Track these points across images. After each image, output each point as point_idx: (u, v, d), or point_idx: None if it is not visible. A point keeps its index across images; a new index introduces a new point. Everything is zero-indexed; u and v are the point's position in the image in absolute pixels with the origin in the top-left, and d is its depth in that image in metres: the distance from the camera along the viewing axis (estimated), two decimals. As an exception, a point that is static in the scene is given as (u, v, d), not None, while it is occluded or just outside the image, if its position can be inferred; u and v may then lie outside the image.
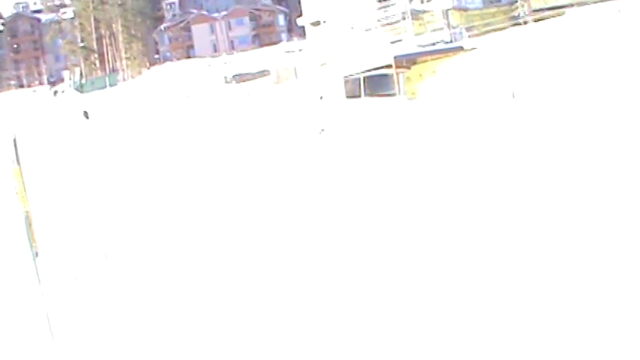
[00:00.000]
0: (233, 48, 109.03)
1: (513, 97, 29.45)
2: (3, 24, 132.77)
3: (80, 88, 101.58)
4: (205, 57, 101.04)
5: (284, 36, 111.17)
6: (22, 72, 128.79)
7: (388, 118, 31.59)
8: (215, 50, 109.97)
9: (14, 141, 22.29)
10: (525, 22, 49.90)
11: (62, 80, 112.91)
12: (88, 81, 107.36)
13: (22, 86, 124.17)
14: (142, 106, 60.62)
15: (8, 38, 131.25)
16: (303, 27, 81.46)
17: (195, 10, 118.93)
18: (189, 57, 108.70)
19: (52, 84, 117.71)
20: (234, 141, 35.22)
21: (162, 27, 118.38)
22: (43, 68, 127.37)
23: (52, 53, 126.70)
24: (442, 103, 32.25)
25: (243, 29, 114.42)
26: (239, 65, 79.47)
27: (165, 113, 53.51)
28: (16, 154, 22.22)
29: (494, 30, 46.20)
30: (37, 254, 21.32)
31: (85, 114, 44.65)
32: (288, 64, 70.09)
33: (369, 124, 31.17)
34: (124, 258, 17.15)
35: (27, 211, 21.79)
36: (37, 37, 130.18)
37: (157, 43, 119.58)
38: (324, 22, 68.32)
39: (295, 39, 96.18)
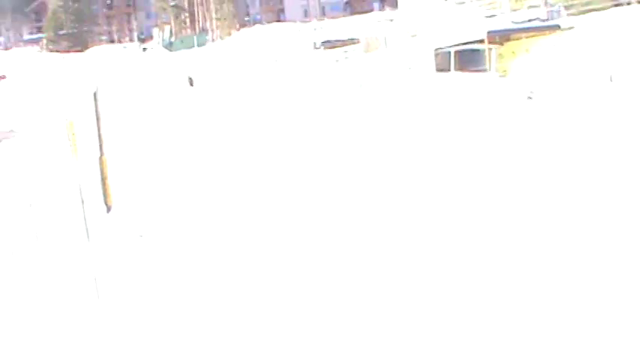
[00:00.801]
0: (324, 14, 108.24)
1: (611, 80, 28.45)
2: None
3: (169, 47, 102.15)
4: (295, 22, 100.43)
5: (376, 5, 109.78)
6: (114, 28, 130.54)
7: (479, 95, 30.86)
8: (305, 15, 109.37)
9: (94, 95, 22.43)
10: (628, 3, 48.12)
11: (152, 37, 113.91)
12: (178, 39, 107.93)
13: (112, 42, 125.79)
14: (229, 68, 60.60)
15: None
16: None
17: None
18: (279, 21, 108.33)
19: (142, 41, 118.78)
20: (320, 107, 34.91)
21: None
22: (134, 25, 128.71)
23: (144, 10, 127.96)
24: (534, 83, 31.37)
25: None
26: (329, 32, 78.70)
27: (253, 76, 53.38)
28: (96, 107, 22.38)
29: (595, 10, 44.49)
30: (109, 209, 21.54)
31: (190, 80, 45.07)
32: (379, 33, 69.09)
33: (459, 98, 30.48)
34: (194, 221, 16.94)
35: (103, 164, 21.99)
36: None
37: (247, 5, 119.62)
38: (417, -8, 67.03)
39: (387, 8, 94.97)
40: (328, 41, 73.02)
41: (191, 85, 45.91)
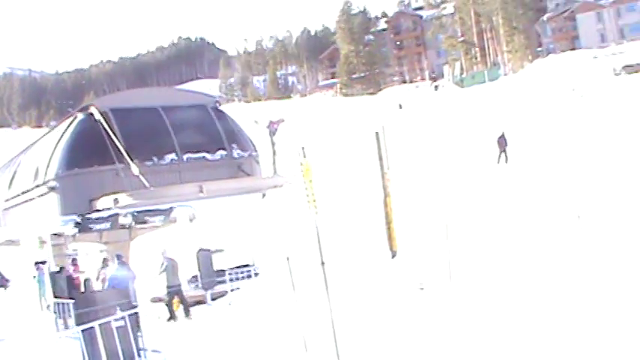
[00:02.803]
0: (623, 37, 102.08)
1: None
2: (387, 22, 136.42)
3: (460, 83, 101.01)
4: (592, 48, 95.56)
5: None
6: (405, 68, 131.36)
7: None
8: (603, 40, 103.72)
9: (377, 135, 20.84)
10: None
11: (443, 75, 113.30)
12: (468, 75, 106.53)
13: (404, 82, 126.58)
14: (522, 101, 58.02)
15: (392, 35, 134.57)
16: None
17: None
18: (573, 49, 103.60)
19: (433, 79, 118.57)
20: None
21: (544, 18, 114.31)
22: (425, 64, 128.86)
23: (434, 49, 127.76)
24: None
25: (634, 16, 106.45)
26: (630, 55, 74.05)
27: (548, 108, 50.53)
28: (379, 147, 20.81)
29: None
30: (394, 254, 19.92)
31: (502, 144, 37.60)
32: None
33: None
34: (471, 278, 14.93)
35: (387, 206, 20.36)
36: (419, 33, 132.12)
37: (539, 35, 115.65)
38: None
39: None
40: (630, 65, 68.79)
41: (502, 151, 36.74)
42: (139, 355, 13.66)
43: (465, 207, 23.24)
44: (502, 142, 35.78)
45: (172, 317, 19.46)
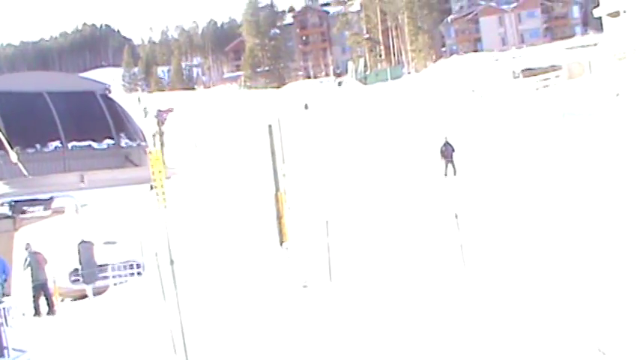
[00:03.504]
0: (523, 41, 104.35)
1: None
2: (294, 17, 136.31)
3: (364, 80, 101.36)
4: (493, 50, 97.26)
5: (578, 29, 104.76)
6: (310, 63, 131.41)
7: None
8: (504, 44, 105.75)
9: (269, 127, 20.76)
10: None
11: (347, 72, 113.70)
12: (372, 72, 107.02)
13: (308, 77, 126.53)
14: (424, 100, 58.64)
15: (298, 30, 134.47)
16: (599, 19, 75.49)
17: (483, 2, 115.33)
18: (476, 50, 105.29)
19: (338, 75, 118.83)
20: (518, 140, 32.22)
21: (449, 19, 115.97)
22: (330, 60, 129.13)
23: (339, 45, 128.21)
24: None
25: (534, 22, 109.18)
26: (528, 59, 75.67)
27: (448, 108, 51.20)
28: (271, 141, 20.74)
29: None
30: (285, 250, 19.75)
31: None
32: (582, 58, 65.61)
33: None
34: (349, 278, 15.07)
35: (279, 202, 20.25)
36: (324, 29, 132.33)
37: (443, 36, 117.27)
38: (625, 12, 62.56)
39: (591, 32, 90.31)
40: (528, 69, 70.21)
41: (449, 161, 31.32)
42: (2, 355, 12.96)
43: (351, 205, 23.29)
44: (448, 150, 30.96)
45: (37, 313, 18.99)
